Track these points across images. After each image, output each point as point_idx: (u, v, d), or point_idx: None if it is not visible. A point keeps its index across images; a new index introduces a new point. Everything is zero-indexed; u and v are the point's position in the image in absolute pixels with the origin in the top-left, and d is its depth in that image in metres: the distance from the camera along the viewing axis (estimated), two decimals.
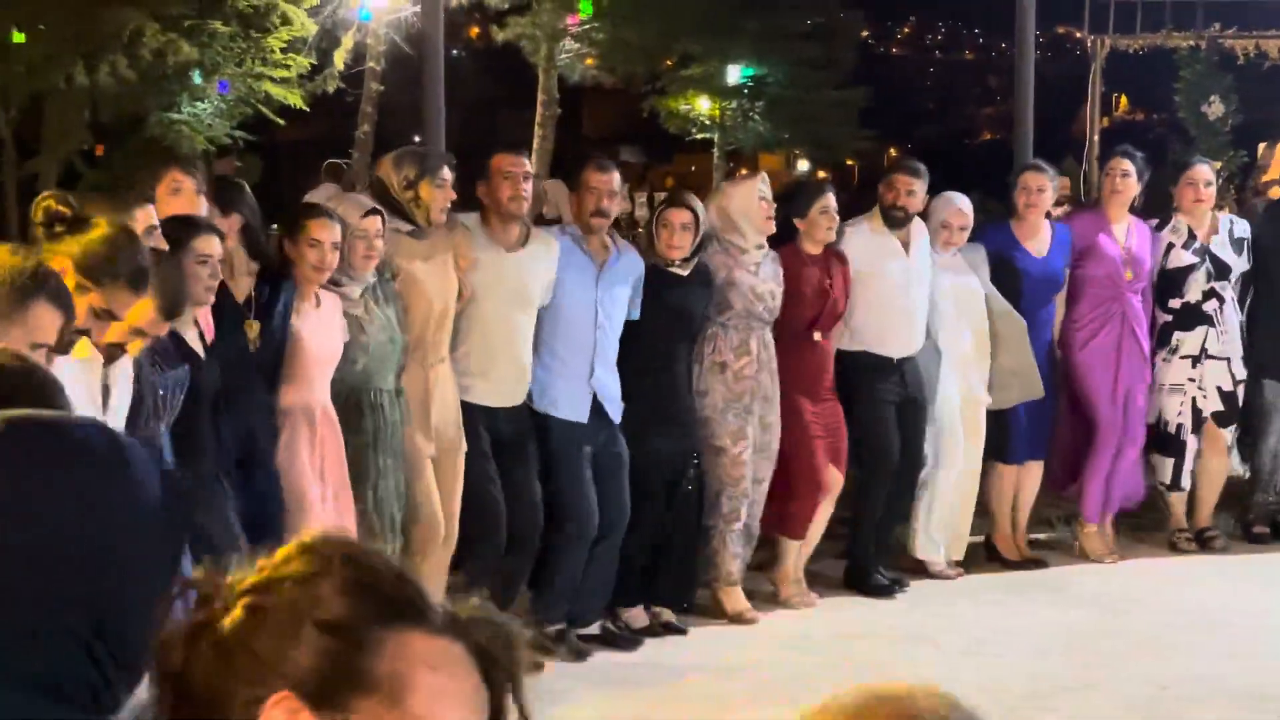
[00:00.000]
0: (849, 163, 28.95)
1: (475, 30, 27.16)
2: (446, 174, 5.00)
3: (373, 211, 4.73)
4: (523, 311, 5.18)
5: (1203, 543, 6.37)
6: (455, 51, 27.92)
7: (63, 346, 2.81)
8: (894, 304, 5.79)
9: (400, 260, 4.88)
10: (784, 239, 5.69)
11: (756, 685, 4.88)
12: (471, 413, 5.07)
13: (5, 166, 16.68)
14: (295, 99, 15.69)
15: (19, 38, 14.21)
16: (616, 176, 5.42)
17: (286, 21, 15.04)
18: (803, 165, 23.15)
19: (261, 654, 1.11)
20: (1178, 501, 6.43)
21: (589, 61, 20.45)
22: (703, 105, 21.73)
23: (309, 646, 1.11)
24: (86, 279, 3.08)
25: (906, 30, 41.81)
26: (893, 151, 27.24)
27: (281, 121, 16.51)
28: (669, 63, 21.19)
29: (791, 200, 5.86)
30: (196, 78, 15.06)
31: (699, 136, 22.74)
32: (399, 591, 1.15)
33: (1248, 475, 6.70)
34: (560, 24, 19.36)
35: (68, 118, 15.00)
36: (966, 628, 5.50)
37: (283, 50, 15.23)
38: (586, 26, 19.56)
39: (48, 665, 1.30)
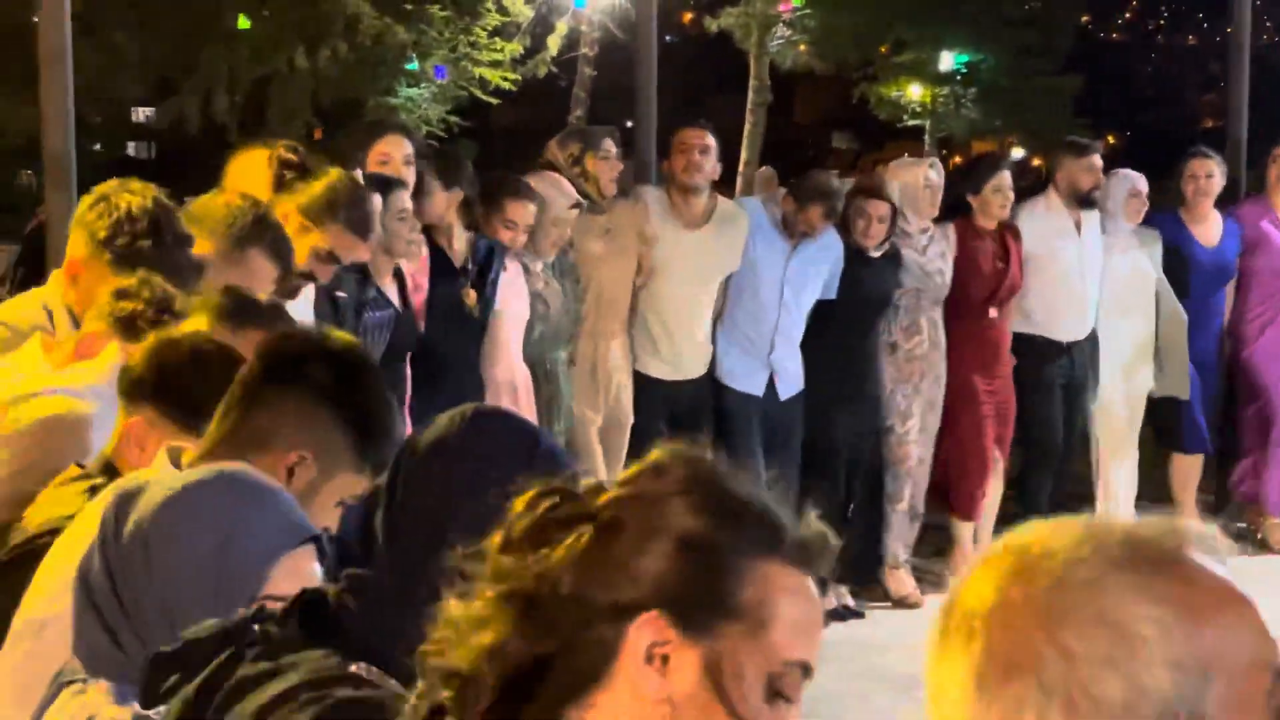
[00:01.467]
0: None
1: (689, 16, 27.31)
2: (610, 146, 5.08)
3: (576, 204, 4.82)
4: (704, 288, 5.23)
5: None
6: (668, 37, 28.33)
7: (284, 293, 2.98)
8: (1066, 286, 5.76)
9: (577, 235, 4.97)
10: (959, 212, 5.70)
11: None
12: (647, 385, 5.15)
13: (230, 154, 17.94)
14: (498, 79, 16.24)
15: (244, 23, 15.14)
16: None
17: (502, 8, 15.69)
18: (1017, 153, 22.55)
19: (621, 564, 1.10)
20: None
21: (801, 48, 20.37)
22: (914, 92, 21.40)
23: (669, 563, 1.10)
24: (309, 221, 3.28)
25: (1128, 16, 40.03)
26: (1110, 139, 26.33)
27: (495, 101, 17.17)
28: (882, 49, 21.04)
29: (966, 176, 5.90)
30: (412, 63, 15.84)
31: (910, 124, 22.55)
32: (760, 518, 1.14)
33: None
34: (772, 11, 19.45)
35: (290, 101, 15.67)
36: None
37: (490, 35, 15.89)
38: (799, 13, 19.57)
39: None
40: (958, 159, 22.42)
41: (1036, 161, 21.58)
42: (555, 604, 1.09)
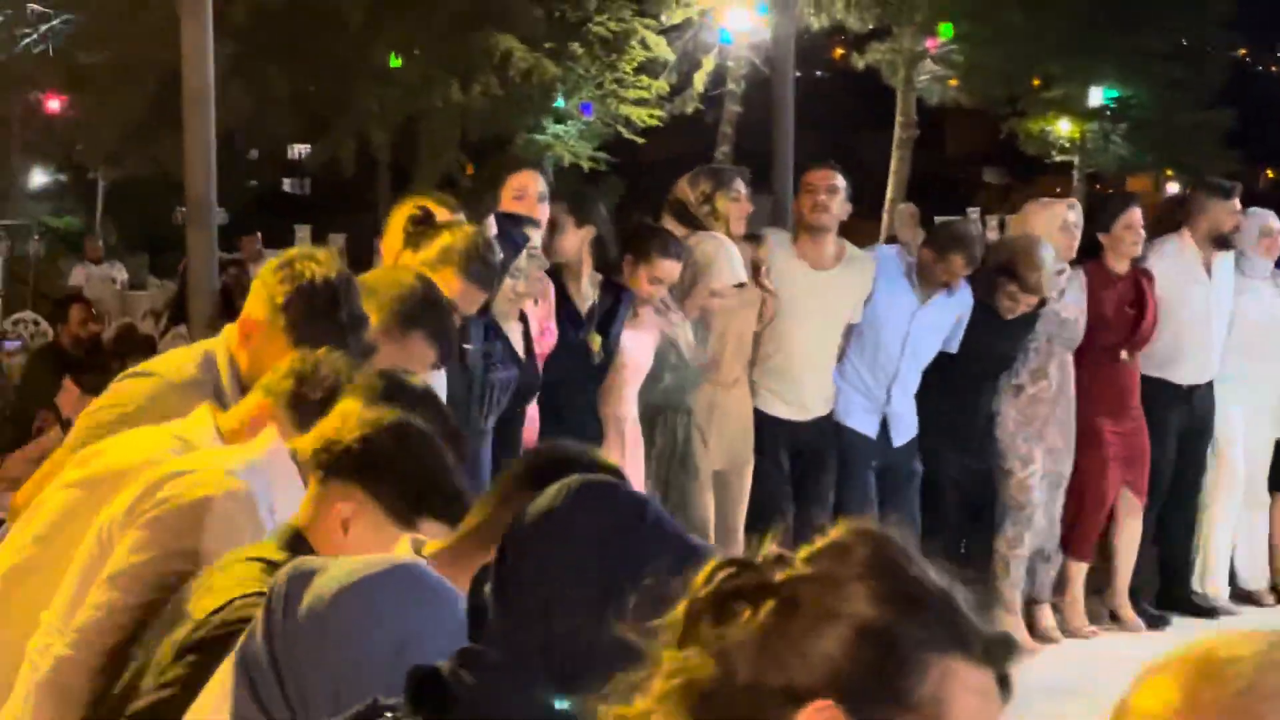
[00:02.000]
0: None
1: (839, 51, 27.40)
2: (740, 187, 5.09)
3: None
4: (829, 331, 5.23)
5: None
6: (818, 73, 28.49)
7: (437, 364, 3.13)
8: (1192, 330, 5.72)
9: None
10: (1092, 254, 5.65)
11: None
12: (770, 425, 5.16)
13: (382, 190, 18.71)
14: (644, 116, 16.62)
15: (395, 62, 15.89)
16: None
17: (646, 46, 16.20)
18: (1173, 188, 22.13)
19: (796, 645, 1.07)
20: None
21: (949, 83, 20.44)
22: (1063, 127, 21.76)
23: (846, 650, 1.07)
24: (433, 274, 3.37)
25: None
26: (1269, 174, 25.67)
27: (641, 140, 17.69)
28: (1031, 84, 20.98)
29: (1097, 215, 5.86)
30: (559, 100, 16.40)
31: (1059, 159, 22.51)
32: (944, 611, 1.11)
33: None
34: (919, 47, 19.56)
35: (440, 138, 16.52)
36: None
37: (636, 72, 16.42)
38: (946, 49, 19.76)
39: None
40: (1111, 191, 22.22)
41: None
42: (730, 694, 1.07)
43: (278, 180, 27.47)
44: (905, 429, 5.39)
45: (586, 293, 4.62)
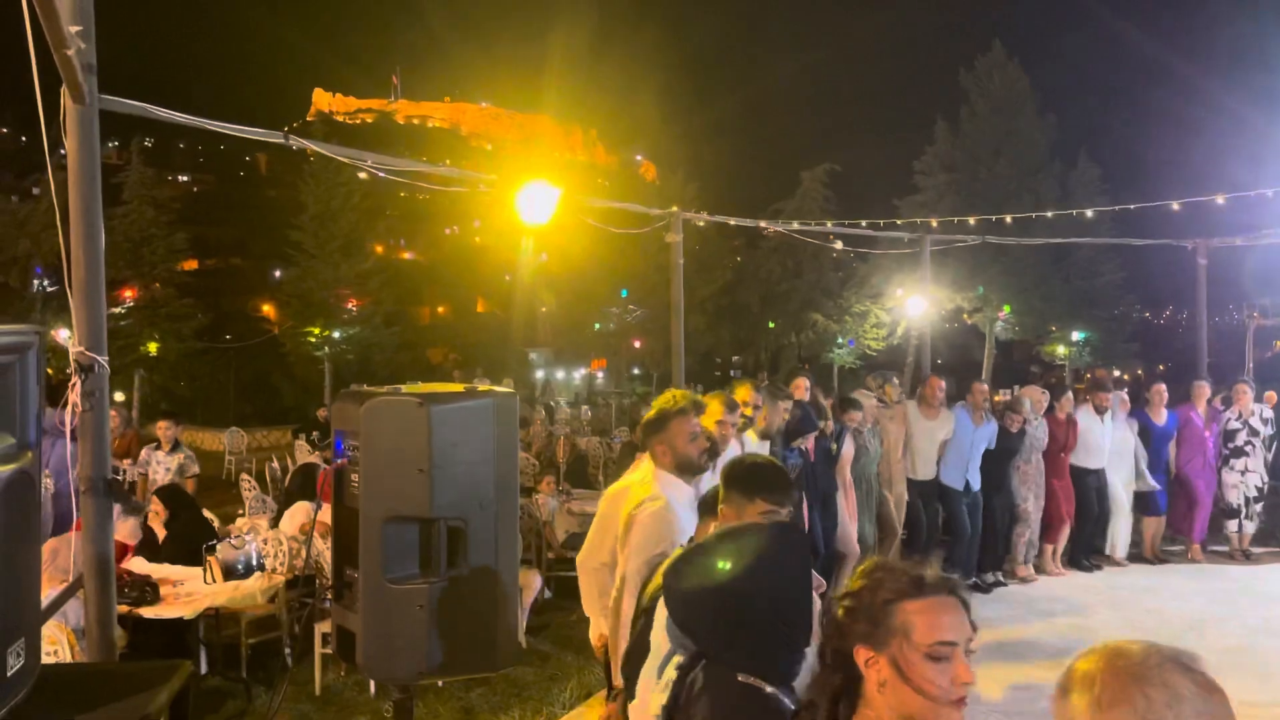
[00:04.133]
0: None
1: (966, 316, 42.70)
2: (896, 380, 11.48)
3: (879, 402, 10.99)
4: (934, 443, 10.67)
5: None
6: (947, 325, 46.95)
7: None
8: (1094, 446, 11.61)
9: (881, 421, 10.80)
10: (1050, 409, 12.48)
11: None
12: (912, 482, 10.29)
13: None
14: (875, 345, 39.99)
15: (771, 324, 35.73)
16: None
17: (878, 320, 40.87)
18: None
19: (857, 622, 2.03)
20: None
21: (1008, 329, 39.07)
22: (1060, 350, 41.58)
23: (851, 621, 2.02)
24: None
25: None
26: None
27: (874, 354, 38.82)
28: (1048, 330, 38.31)
29: (1055, 391, 12.51)
30: (839, 339, 37.03)
31: (1058, 364, 41.97)
32: (891, 583, 2.01)
33: None
34: (996, 314, 38.63)
35: (786, 359, 38.41)
36: None
37: (872, 325, 41.13)
38: (1007, 316, 39.21)
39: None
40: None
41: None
42: (836, 658, 2.05)
43: None
44: (976, 483, 10.63)
45: (831, 427, 9.54)
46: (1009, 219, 16.84)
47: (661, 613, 2.65)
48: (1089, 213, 18.04)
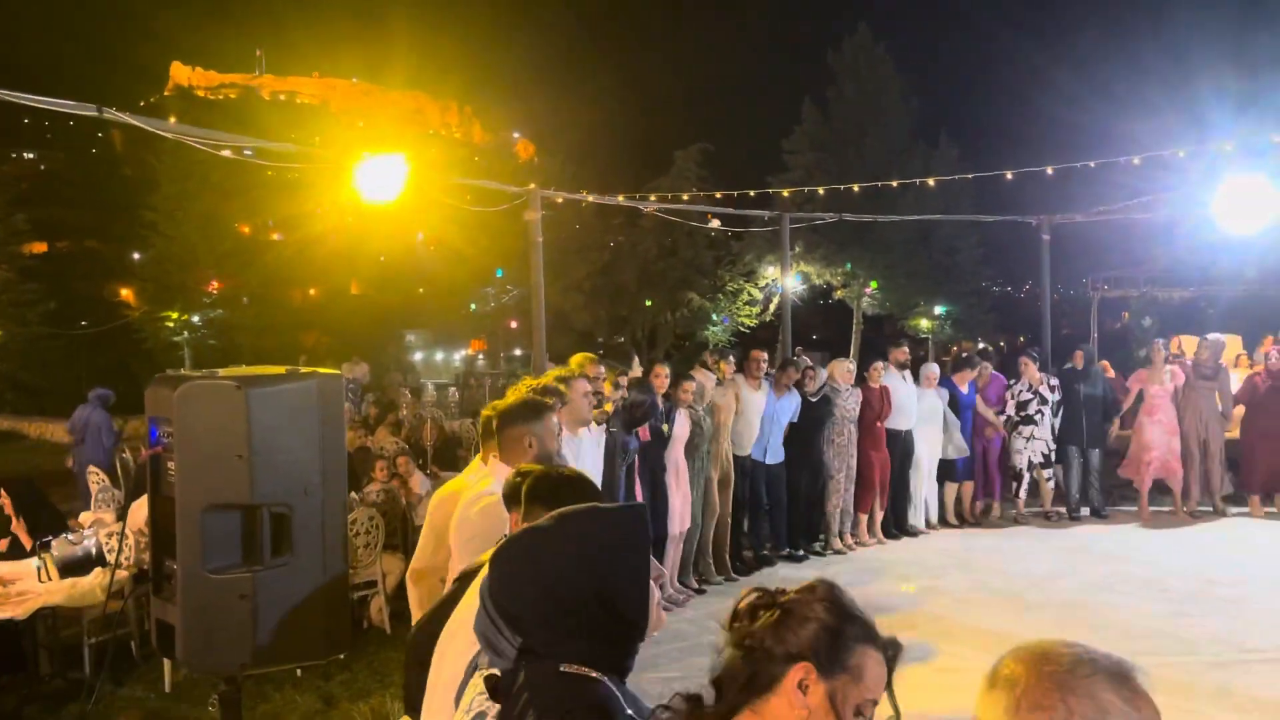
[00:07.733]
0: None
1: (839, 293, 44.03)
2: (731, 358, 11.20)
3: (717, 384, 11.02)
4: (758, 417, 10.88)
5: None
6: (819, 302, 44.75)
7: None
8: (905, 409, 12.12)
9: (714, 396, 10.34)
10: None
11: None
12: (737, 459, 10.30)
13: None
14: (747, 322, 38.95)
15: (648, 303, 37.20)
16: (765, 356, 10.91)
17: (750, 295, 39.88)
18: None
19: (792, 631, 1.85)
20: None
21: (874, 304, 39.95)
22: (924, 323, 43.85)
23: (816, 637, 1.84)
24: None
25: None
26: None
27: (747, 332, 39.48)
28: (912, 305, 36.83)
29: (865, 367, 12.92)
30: (714, 315, 38.22)
31: (922, 337, 42.72)
32: (865, 624, 1.89)
33: None
34: (864, 291, 40.54)
35: (663, 337, 39.81)
36: None
37: (746, 303, 39.75)
38: (873, 292, 36.74)
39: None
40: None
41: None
42: (757, 651, 1.85)
43: None
44: (776, 456, 10.75)
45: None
46: (856, 188, 17.20)
47: (469, 605, 2.52)
48: (932, 183, 18.51)
